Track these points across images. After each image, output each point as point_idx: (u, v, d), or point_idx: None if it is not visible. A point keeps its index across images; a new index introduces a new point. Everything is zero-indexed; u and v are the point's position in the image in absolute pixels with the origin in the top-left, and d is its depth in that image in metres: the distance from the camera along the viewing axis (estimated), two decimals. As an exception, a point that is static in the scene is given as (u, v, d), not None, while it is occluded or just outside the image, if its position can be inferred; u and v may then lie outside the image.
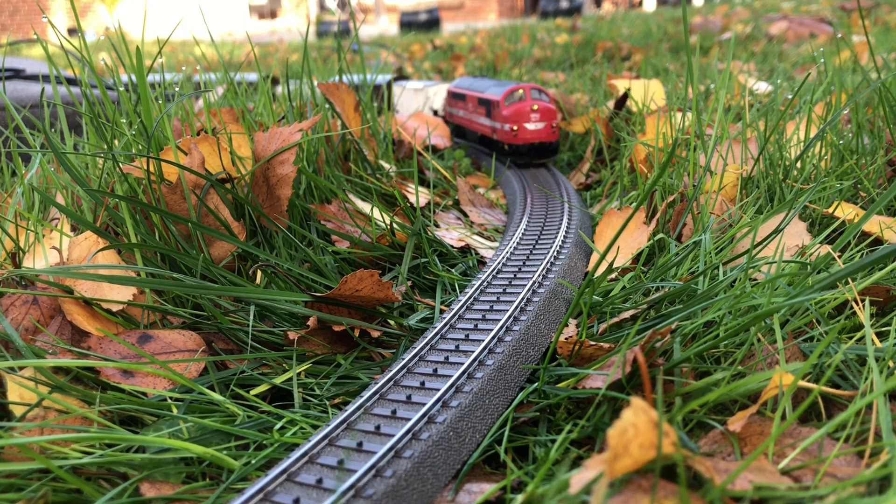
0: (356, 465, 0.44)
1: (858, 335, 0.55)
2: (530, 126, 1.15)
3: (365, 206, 0.93)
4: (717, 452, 0.47)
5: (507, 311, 0.63)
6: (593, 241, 0.86)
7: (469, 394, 0.52)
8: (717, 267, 0.68)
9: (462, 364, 0.55)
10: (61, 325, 0.64)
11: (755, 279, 0.67)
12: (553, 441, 0.52)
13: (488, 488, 0.47)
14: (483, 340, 0.58)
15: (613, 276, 0.78)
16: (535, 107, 1.15)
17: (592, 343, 0.56)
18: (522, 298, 0.65)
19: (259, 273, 0.75)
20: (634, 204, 0.92)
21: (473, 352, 0.57)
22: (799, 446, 0.45)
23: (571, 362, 0.58)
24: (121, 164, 0.74)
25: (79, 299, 0.64)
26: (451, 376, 0.54)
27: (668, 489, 0.41)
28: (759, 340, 0.55)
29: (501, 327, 0.61)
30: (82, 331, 0.63)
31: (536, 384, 0.56)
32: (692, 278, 0.63)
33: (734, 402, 0.53)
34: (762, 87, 1.57)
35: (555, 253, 0.78)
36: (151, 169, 0.74)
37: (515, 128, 1.16)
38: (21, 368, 0.56)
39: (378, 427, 0.48)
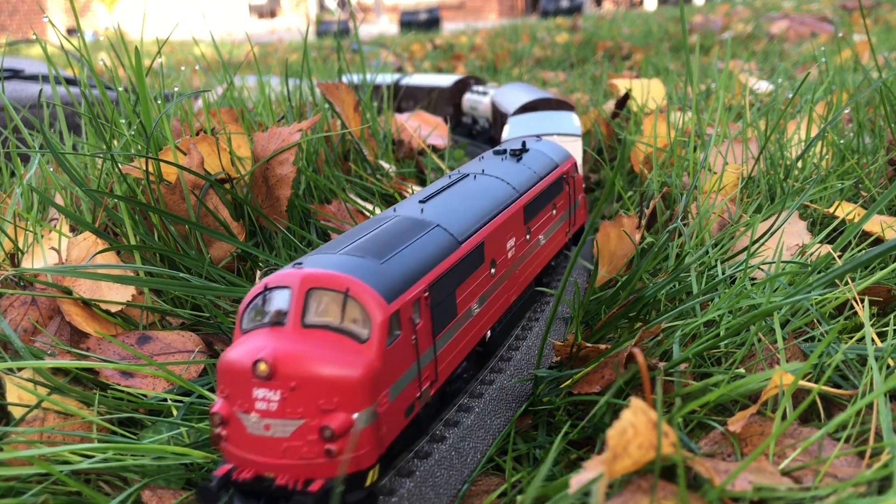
0: None
1: (859, 335, 0.55)
2: (252, 423, 0.38)
3: (365, 206, 0.93)
4: (718, 453, 0.47)
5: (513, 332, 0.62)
6: (591, 253, 0.86)
7: (472, 413, 0.51)
8: (709, 259, 0.67)
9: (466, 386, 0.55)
10: (60, 326, 0.64)
11: (754, 278, 0.67)
12: (553, 443, 0.52)
13: (488, 497, 0.47)
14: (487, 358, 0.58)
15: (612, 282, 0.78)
16: (263, 367, 0.37)
17: (589, 345, 0.56)
18: (525, 319, 0.65)
19: (259, 274, 0.74)
20: (632, 209, 0.91)
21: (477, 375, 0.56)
22: (799, 447, 0.44)
23: (570, 365, 0.58)
24: (120, 165, 0.74)
25: (77, 300, 0.64)
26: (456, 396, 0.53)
27: (667, 490, 0.41)
28: (759, 340, 0.55)
29: (503, 346, 0.60)
30: (81, 331, 0.63)
31: (532, 398, 0.56)
32: (671, 274, 0.63)
33: (735, 403, 0.52)
34: (763, 86, 1.56)
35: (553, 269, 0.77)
36: (150, 169, 0.73)
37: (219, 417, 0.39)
38: (20, 369, 0.56)
39: None
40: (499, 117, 1.22)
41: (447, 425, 0.50)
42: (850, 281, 0.59)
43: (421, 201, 0.52)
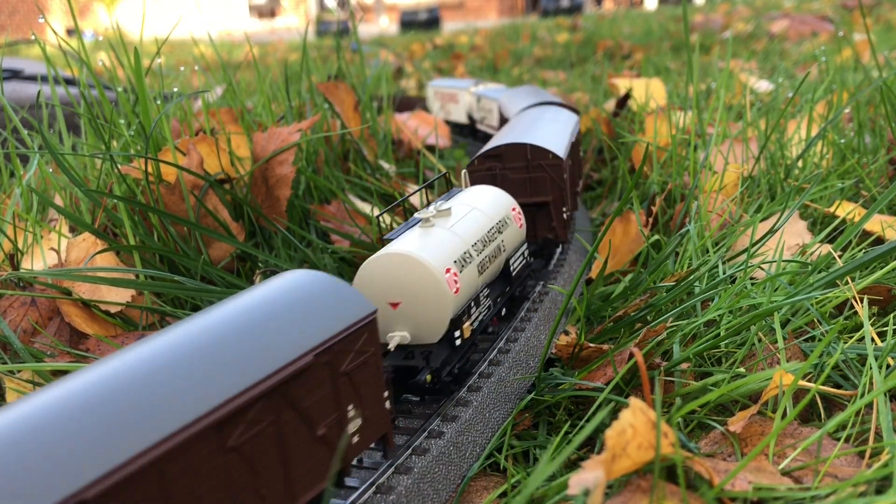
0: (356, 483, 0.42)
1: (858, 335, 0.55)
2: None
3: (364, 206, 0.93)
4: (718, 453, 0.47)
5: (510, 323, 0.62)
6: (597, 248, 0.85)
7: (470, 407, 0.51)
8: (713, 262, 0.67)
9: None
10: (60, 327, 0.64)
11: (755, 278, 0.67)
12: (554, 444, 0.52)
13: (488, 496, 0.47)
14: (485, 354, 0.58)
15: (614, 278, 0.78)
16: None
17: (591, 345, 0.56)
18: (523, 308, 0.65)
19: (258, 274, 0.74)
20: (633, 206, 0.91)
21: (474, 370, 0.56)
22: (799, 447, 0.44)
23: (571, 365, 0.58)
24: (119, 165, 0.74)
25: (77, 301, 0.64)
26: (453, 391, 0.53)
27: (667, 490, 0.40)
28: (759, 340, 0.55)
29: (501, 338, 0.60)
30: (81, 332, 0.63)
31: (533, 393, 0.56)
32: (687, 274, 0.63)
33: (735, 403, 0.52)
34: (763, 85, 1.56)
35: (554, 262, 0.77)
36: (150, 170, 0.73)
37: None
38: (19, 371, 0.56)
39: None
40: None
41: (445, 420, 0.50)
42: (850, 280, 0.59)
43: None
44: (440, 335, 0.50)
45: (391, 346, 0.49)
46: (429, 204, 0.57)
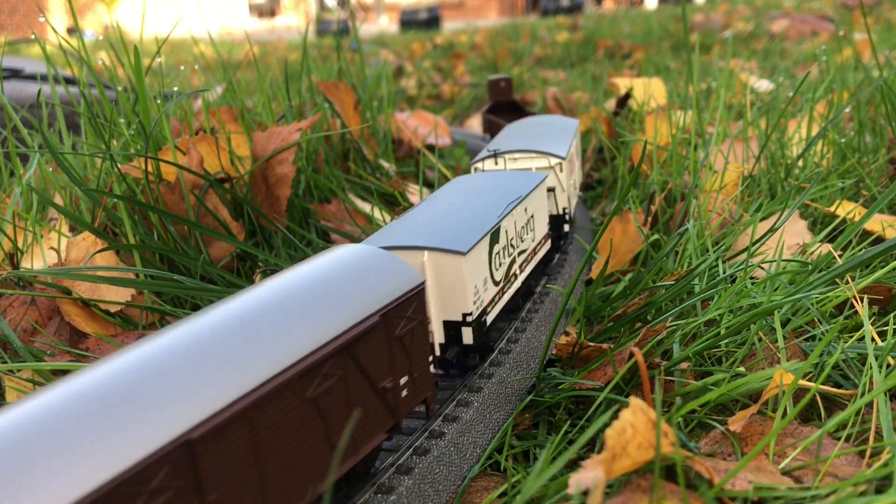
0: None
1: (858, 334, 0.55)
2: None
3: (364, 206, 0.93)
4: (718, 452, 0.47)
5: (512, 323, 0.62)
6: (596, 247, 0.85)
7: (471, 408, 0.51)
8: (712, 260, 0.67)
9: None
10: (59, 326, 0.64)
11: (755, 277, 0.67)
12: (553, 443, 0.52)
13: (488, 496, 0.47)
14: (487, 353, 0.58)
15: (614, 278, 0.78)
16: None
17: (591, 344, 0.56)
18: (525, 309, 0.65)
19: (257, 274, 0.74)
20: (632, 205, 0.91)
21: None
22: (799, 446, 0.44)
23: (571, 364, 0.58)
24: (119, 165, 0.74)
25: (77, 300, 0.64)
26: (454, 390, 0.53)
27: (667, 489, 0.40)
28: (759, 339, 0.55)
29: (502, 339, 0.60)
30: (81, 332, 0.63)
31: (533, 394, 0.56)
32: (686, 273, 0.63)
33: (735, 402, 0.52)
34: (764, 84, 1.56)
35: (553, 262, 0.77)
36: (150, 169, 0.73)
37: None
38: (20, 370, 0.56)
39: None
40: None
41: (446, 420, 0.49)
42: (850, 280, 0.59)
43: None
44: None
45: None
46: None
